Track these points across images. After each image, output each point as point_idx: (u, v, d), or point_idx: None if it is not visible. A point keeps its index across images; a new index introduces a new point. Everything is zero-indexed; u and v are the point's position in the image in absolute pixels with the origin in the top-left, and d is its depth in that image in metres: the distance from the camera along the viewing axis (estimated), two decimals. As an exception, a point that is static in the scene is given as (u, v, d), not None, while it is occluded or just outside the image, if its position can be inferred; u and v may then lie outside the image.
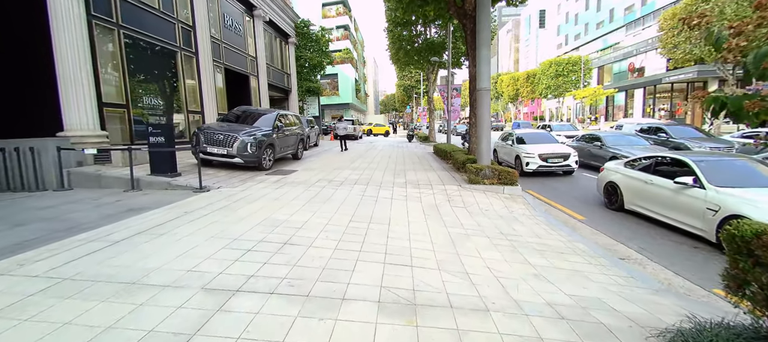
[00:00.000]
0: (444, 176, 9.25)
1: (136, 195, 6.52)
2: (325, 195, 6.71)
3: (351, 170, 9.93)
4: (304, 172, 9.43)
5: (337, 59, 47.56)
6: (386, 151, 16.55)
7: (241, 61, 16.36)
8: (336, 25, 48.85)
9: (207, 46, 13.01)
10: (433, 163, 12.07)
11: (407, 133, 26.28)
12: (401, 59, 23.38)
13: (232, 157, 8.64)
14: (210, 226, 4.54)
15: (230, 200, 6.04)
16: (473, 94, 10.15)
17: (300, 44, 23.84)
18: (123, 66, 9.29)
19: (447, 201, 6.87)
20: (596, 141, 12.46)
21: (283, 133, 10.47)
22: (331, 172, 9.41)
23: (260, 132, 9.11)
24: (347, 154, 14.48)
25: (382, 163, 11.92)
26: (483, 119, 8.38)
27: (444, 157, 13.01)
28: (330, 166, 10.76)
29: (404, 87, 57.38)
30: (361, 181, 8.19)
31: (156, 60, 10.85)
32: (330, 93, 47.61)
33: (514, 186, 7.93)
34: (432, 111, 24.25)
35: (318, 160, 12.15)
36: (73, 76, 7.69)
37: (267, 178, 8.30)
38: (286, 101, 23.80)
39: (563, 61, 47.88)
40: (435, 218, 5.65)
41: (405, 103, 64.59)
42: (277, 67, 21.26)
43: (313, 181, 7.99)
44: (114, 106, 9.05)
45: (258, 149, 8.82)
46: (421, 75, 50.51)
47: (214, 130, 8.74)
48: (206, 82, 12.95)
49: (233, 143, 8.58)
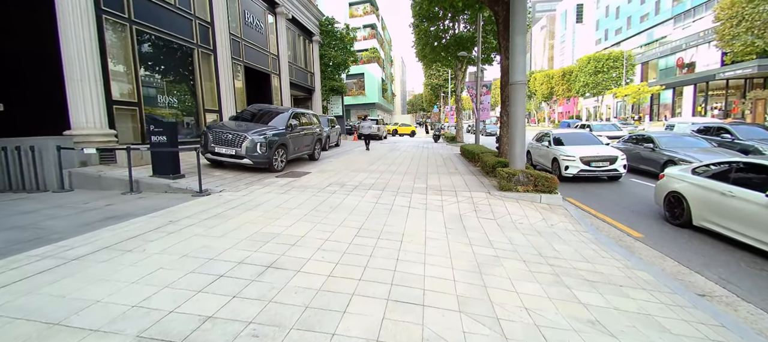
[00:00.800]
0: (471, 181, 8.27)
1: (130, 199, 6.04)
2: (333, 202, 5.95)
3: (368, 173, 9.15)
4: (317, 174, 8.75)
5: (363, 59, 47.14)
6: (409, 152, 15.67)
7: (262, 60, 16.03)
8: (363, 25, 48.41)
9: (226, 44, 12.67)
10: (459, 166, 11.07)
11: (433, 133, 25.24)
12: (427, 56, 22.41)
13: (240, 158, 8.10)
14: (189, 240, 3.89)
15: (227, 206, 5.41)
16: (505, 89, 9.09)
17: (324, 42, 23.41)
18: (135, 63, 9.00)
19: (473, 211, 5.92)
20: (647, 142, 10.98)
21: (298, 132, 9.85)
22: (346, 175, 8.67)
23: (271, 131, 8.51)
24: (368, 155, 13.74)
25: (403, 165, 11.07)
26: (517, 117, 7.34)
27: (471, 159, 11.97)
28: (347, 168, 10.04)
29: (432, 86, 56.16)
30: (376, 186, 7.39)
31: (171, 57, 10.57)
32: (356, 93, 47.23)
33: (553, 194, 6.85)
34: (460, 110, 23.08)
35: (335, 162, 11.47)
36: (79, 72, 7.39)
37: (276, 180, 7.67)
38: (310, 101, 23.44)
39: (603, 56, 44.91)
40: (458, 233, 4.74)
41: (432, 102, 63.28)
42: (300, 66, 20.90)
43: (324, 186, 7.27)
44: (125, 105, 8.76)
45: (268, 149, 8.23)
46: (448, 73, 49.13)
47: (223, 129, 8.24)
48: (224, 80, 12.62)
49: (242, 143, 8.03)
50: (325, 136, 14.83)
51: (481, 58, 15.76)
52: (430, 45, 21.11)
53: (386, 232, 4.53)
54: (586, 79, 45.96)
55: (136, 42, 9.10)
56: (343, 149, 16.52)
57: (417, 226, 4.89)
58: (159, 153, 6.80)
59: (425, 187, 7.40)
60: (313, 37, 22.44)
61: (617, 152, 9.93)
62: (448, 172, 9.62)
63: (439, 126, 30.99)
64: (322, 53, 23.32)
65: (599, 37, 59.61)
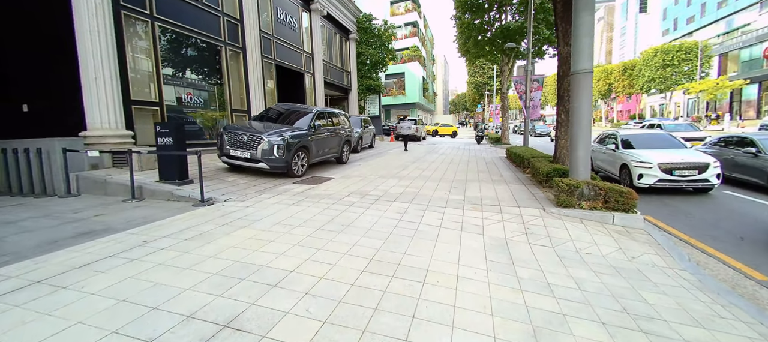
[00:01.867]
0: (519, 192, 6.88)
1: (126, 208, 5.45)
2: (347, 218, 4.93)
3: (397, 179, 8.05)
4: (340, 180, 7.80)
5: (403, 57, 46.07)
6: (448, 154, 14.33)
7: (295, 58, 15.51)
8: (404, 22, 47.33)
9: (256, 42, 12.20)
10: (504, 172, 9.62)
11: (476, 134, 23.56)
12: (471, 51, 20.88)
13: (256, 162, 7.36)
14: (146, 273, 3.04)
15: (221, 222, 4.59)
16: (563, 80, 7.58)
17: (361, 40, 22.64)
18: (156, 61, 8.64)
19: (523, 234, 4.62)
20: (747, 146, 8.83)
21: (322, 133, 8.99)
22: (371, 182, 7.64)
23: (290, 132, 7.70)
24: (401, 158, 12.63)
25: (439, 169, 9.83)
26: (580, 114, 5.87)
27: (520, 164, 10.43)
28: (375, 173, 9.01)
29: (475, 84, 53.82)
30: (404, 197, 6.27)
31: (197, 56, 10.19)
32: (396, 92, 46.25)
33: (630, 213, 5.32)
34: (505, 108, 21.24)
35: (364, 165, 10.50)
36: (94, 70, 7.04)
37: (291, 188, 6.82)
38: (346, 100, 22.79)
39: (673, 48, 40.08)
40: (503, 269, 3.51)
41: (476, 101, 60.69)
42: (335, 65, 20.28)
43: (343, 195, 6.29)
44: (145, 104, 8.41)
45: (286, 152, 7.42)
46: (494, 70, 46.57)
47: (239, 130, 7.55)
48: (254, 79, 12.15)
49: (257, 145, 7.29)
50: (357, 138, 13.95)
51: (531, 50, 14.03)
52: (473, 38, 19.57)
53: (405, 267, 3.41)
54: (651, 73, 41.34)
55: (159, 39, 8.73)
56: (376, 151, 15.55)
57: (447, 257, 3.72)
58: (165, 157, 6.21)
59: (462, 200, 6.16)
60: (349, 35, 21.75)
61: (708, 158, 7.98)
62: (492, 180, 8.25)
63: (483, 126, 29.08)
64: (359, 51, 22.57)
65: (667, 28, 53.71)
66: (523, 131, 14.59)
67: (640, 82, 43.55)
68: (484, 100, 53.07)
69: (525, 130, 13.93)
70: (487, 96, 50.01)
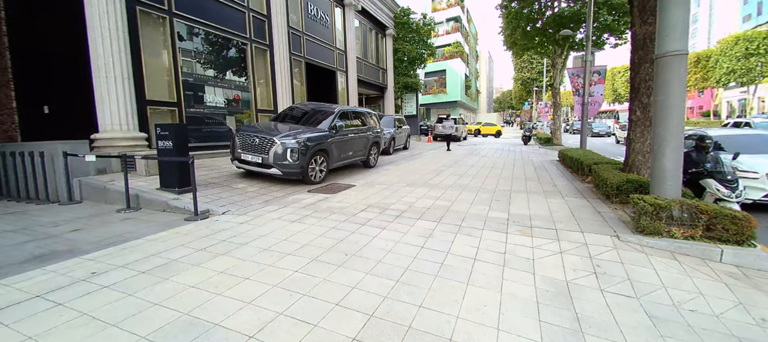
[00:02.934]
0: (581, 209, 5.47)
1: (114, 220, 4.86)
2: (354, 244, 3.92)
3: (428, 188, 6.92)
4: (361, 189, 6.82)
5: (445, 54, 44.40)
6: (491, 157, 12.86)
7: (327, 55, 14.82)
8: (446, 18, 45.61)
9: (283, 39, 11.62)
10: (558, 180, 8.12)
11: (522, 134, 21.61)
12: (518, 42, 19.04)
13: (267, 167, 6.60)
14: (51, 334, 2.23)
15: (197, 247, 3.78)
16: (638, 69, 6.03)
17: (398, 36, 21.59)
18: (175, 59, 8.22)
19: (592, 275, 3.33)
20: None
21: (345, 135, 8.08)
22: (396, 191, 6.58)
23: (307, 134, 6.86)
24: (437, 161, 11.42)
25: (479, 176, 8.53)
26: (668, 111, 4.39)
27: (577, 170, 8.84)
28: (403, 179, 7.93)
29: (522, 80, 50.71)
30: (432, 213, 5.14)
31: (219, 53, 9.73)
32: (437, 91, 44.67)
33: (745, 246, 3.81)
34: (557, 105, 19.15)
35: (393, 170, 9.45)
36: (105, 69, 6.68)
37: (303, 198, 5.95)
38: (382, 99, 21.88)
39: (758, 35, 34.72)
40: (569, 339, 2.31)
41: (523, 99, 57.30)
42: (370, 62, 19.42)
43: (359, 209, 5.29)
44: (162, 105, 8.00)
45: (301, 157, 6.58)
46: (543, 64, 43.38)
47: (251, 131, 6.84)
48: (281, 78, 11.57)
49: (269, 149, 6.53)
50: (389, 139, 12.94)
51: (591, 38, 12.13)
52: (521, 29, 17.78)
53: (417, 334, 2.33)
54: (731, 64, 36.16)
55: (177, 36, 8.31)
56: (409, 153, 14.43)
57: (482, 315, 2.57)
58: (164, 162, 5.59)
59: (506, 219, 4.91)
60: (386, 31, 20.80)
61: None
62: (543, 191, 6.85)
63: (531, 125, 26.86)
64: (396, 48, 21.54)
65: (749, 13, 47.16)
66: (576, 130, 12.73)
67: (717, 74, 38.29)
68: (532, 97, 49.77)
69: (582, 129, 12.10)
70: (536, 93, 46.75)
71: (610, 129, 31.53)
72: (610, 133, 31.22)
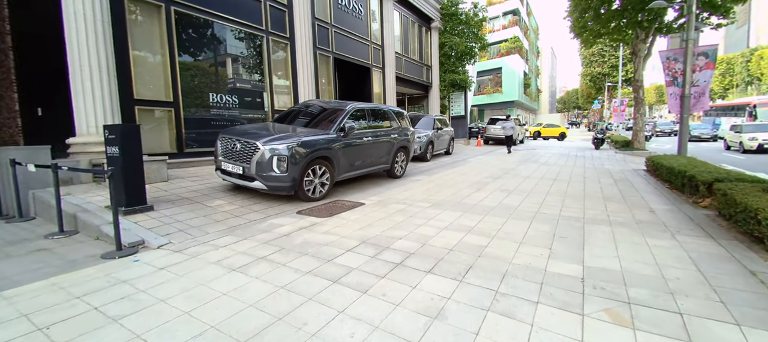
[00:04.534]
0: (710, 260, 3.22)
1: (15, 253, 3.70)
2: (296, 329, 2.23)
3: (460, 211, 5.01)
4: (368, 210, 5.12)
5: (501, 51, 41.08)
6: (553, 165, 10.41)
7: (360, 51, 13.36)
8: (502, 12, 42.24)
9: (307, 31, 10.37)
10: (653, 200, 5.71)
11: (593, 136, 18.36)
12: (589, 28, 16.05)
13: (249, 180, 5.19)
14: None
15: (48, 320, 2.37)
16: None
17: (445, 28, 19.56)
18: (171, 53, 7.25)
19: None
20: None
21: (359, 138, 6.46)
22: (414, 215, 4.77)
23: (301, 138, 5.33)
24: (484, 169, 9.32)
25: (536, 192, 6.39)
26: None
27: (681, 185, 6.29)
28: (431, 195, 6.08)
29: (591, 76, 45.39)
30: (453, 260, 3.28)
31: (229, 47, 8.68)
32: (492, 90, 41.46)
33: None
34: (640, 102, 15.76)
35: (424, 182, 7.60)
36: (80, 62, 5.78)
37: (281, 225, 4.41)
38: (426, 99, 19.99)
39: None
40: None
41: (591, 97, 51.44)
42: (412, 58, 17.65)
43: (346, 247, 3.59)
44: (153, 105, 7.05)
45: (292, 166, 5.08)
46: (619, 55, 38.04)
47: (235, 135, 5.48)
48: (304, 75, 10.32)
49: (251, 156, 5.11)
50: (425, 143, 11.08)
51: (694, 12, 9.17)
52: (594, 9, 14.86)
53: None
54: None
55: (176, 26, 7.33)
56: (452, 159, 12.39)
57: None
58: (114, 174, 4.40)
59: (579, 277, 2.88)
60: (431, 24, 18.90)
61: None
62: (635, 220, 4.59)
63: (604, 126, 23.12)
64: (443, 42, 19.51)
65: None
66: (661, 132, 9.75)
67: None
68: (603, 95, 44.22)
69: (682, 129, 9.19)
70: (609, 89, 41.32)
71: (714, 130, 25.40)
72: (716, 136, 25.24)
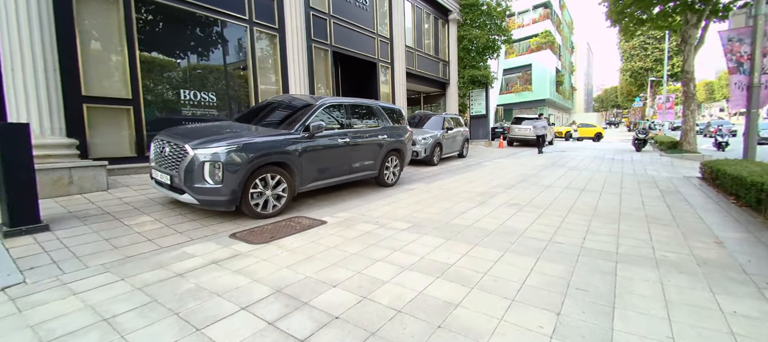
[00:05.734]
0: None
1: None
2: None
3: (442, 239, 3.71)
4: (323, 233, 3.94)
5: (531, 46, 38.70)
6: (583, 171, 8.77)
7: (364, 44, 12.23)
8: (533, 5, 39.80)
9: (299, 22, 9.36)
10: (718, 223, 4.15)
11: (634, 137, 16.27)
12: (628, 13, 14.09)
13: (179, 192, 4.16)
14: None
15: None
16: None
17: (465, 21, 18.07)
18: (131, 44, 6.43)
19: None
20: None
21: (333, 141, 5.30)
22: (374, 246, 3.54)
23: (240, 141, 4.22)
24: (498, 175, 7.89)
25: (555, 207, 4.96)
26: None
27: (757, 201, 4.65)
28: (416, 213, 4.81)
29: (632, 71, 41.89)
30: (394, 340, 2.04)
31: (205, 39, 7.80)
32: (520, 88, 39.14)
33: None
34: (691, 97, 13.60)
35: (415, 193, 6.31)
36: (10, 50, 5.01)
37: (194, 255, 3.32)
38: (443, 97, 18.56)
39: None
40: None
41: (632, 95, 47.62)
42: (427, 54, 16.31)
43: (248, 301, 2.43)
44: (108, 103, 6.24)
45: (229, 175, 4.01)
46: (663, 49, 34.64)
47: (166, 137, 4.47)
48: (296, 71, 9.32)
49: (180, 162, 4.08)
50: (431, 144, 9.76)
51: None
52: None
53: None
54: None
55: (135, 13, 6.51)
56: (464, 163, 10.96)
57: None
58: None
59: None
60: (449, 15, 17.47)
61: None
62: (695, 260, 3.13)
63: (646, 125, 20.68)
64: (462, 35, 18.02)
65: None
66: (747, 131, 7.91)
67: None
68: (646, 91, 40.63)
69: (749, 127, 7.35)
70: (652, 85, 37.82)
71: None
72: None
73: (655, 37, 38.00)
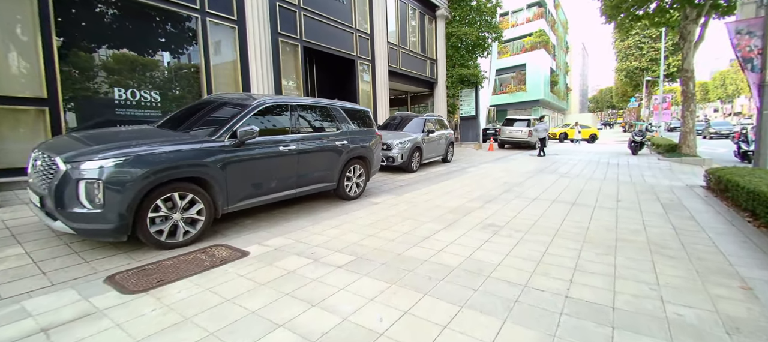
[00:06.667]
0: None
1: None
2: None
3: (386, 282, 2.81)
4: (233, 273, 3.03)
5: (525, 46, 37.96)
6: (576, 178, 7.91)
7: (341, 40, 11.32)
8: (527, 4, 39.08)
9: (262, 13, 8.45)
10: (737, 254, 3.27)
11: (630, 139, 15.48)
12: (625, 8, 13.29)
13: (51, 218, 3.22)
14: None
15: None
16: None
17: (453, 17, 17.21)
18: (45, 35, 5.47)
19: None
20: None
21: (269, 149, 4.38)
22: (287, 296, 2.63)
23: (131, 153, 3.28)
24: (480, 184, 7.01)
25: (538, 230, 4.07)
26: None
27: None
28: (363, 242, 3.90)
29: (627, 71, 41.29)
30: None
31: (145, 30, 6.86)
32: (514, 88, 38.36)
33: None
34: (690, 96, 12.81)
35: (374, 211, 5.40)
36: None
37: (29, 314, 2.40)
38: (430, 97, 17.69)
39: None
40: None
41: (627, 95, 47.06)
42: (413, 51, 15.42)
43: None
44: (15, 103, 5.29)
45: (115, 196, 3.09)
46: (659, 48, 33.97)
47: (43, 148, 3.53)
48: (258, 69, 8.39)
49: (50, 179, 3.15)
50: (409, 149, 8.87)
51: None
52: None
53: None
54: None
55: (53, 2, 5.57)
56: (446, 169, 10.08)
57: None
58: None
59: None
60: (436, 11, 16.60)
61: None
62: (719, 317, 2.24)
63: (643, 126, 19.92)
64: (450, 32, 17.16)
65: None
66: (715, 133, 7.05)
67: None
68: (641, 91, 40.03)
69: (760, 131, 6.52)
70: (647, 85, 37.18)
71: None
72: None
73: (651, 35, 37.40)
